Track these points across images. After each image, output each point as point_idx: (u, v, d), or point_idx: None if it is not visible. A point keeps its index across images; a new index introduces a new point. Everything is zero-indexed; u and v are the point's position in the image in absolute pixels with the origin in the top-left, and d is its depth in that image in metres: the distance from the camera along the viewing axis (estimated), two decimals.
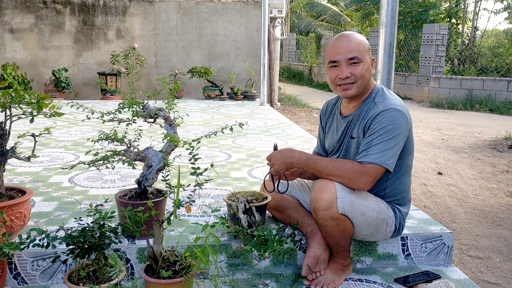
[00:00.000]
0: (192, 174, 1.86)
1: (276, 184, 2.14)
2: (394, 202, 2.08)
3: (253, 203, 2.10)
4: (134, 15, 8.77)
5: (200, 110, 6.87)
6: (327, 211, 1.86)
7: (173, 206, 1.73)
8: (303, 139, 4.69)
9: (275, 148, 2.11)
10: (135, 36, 8.83)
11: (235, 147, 4.20)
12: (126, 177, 3.10)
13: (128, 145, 2.08)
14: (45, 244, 1.57)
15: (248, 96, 8.39)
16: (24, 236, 1.65)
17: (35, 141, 2.26)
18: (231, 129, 2.12)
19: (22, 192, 2.18)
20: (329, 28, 22.05)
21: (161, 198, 2.01)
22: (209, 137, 2.14)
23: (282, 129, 5.35)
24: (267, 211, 2.25)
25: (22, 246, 1.48)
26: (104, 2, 8.62)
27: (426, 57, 12.74)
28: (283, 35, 10.45)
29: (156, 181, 2.10)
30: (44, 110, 1.98)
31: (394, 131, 1.89)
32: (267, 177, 2.19)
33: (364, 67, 1.95)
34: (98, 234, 1.76)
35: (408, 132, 1.98)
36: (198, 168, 1.88)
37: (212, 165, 1.96)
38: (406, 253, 2.25)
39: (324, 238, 1.99)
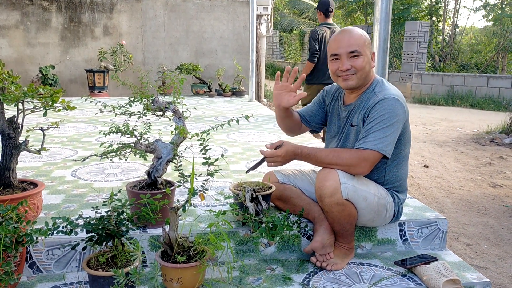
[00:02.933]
0: (203, 164, 1.95)
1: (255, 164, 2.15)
2: (393, 189, 2.20)
3: (259, 192, 2.19)
4: (121, 12, 8.76)
5: (190, 107, 6.91)
6: (332, 198, 1.96)
7: (187, 194, 1.82)
8: None
9: (277, 147, 2.16)
10: (122, 33, 8.82)
11: (230, 142, 4.28)
12: (128, 170, 3.17)
13: (139, 138, 2.15)
14: (68, 230, 1.64)
15: (236, 93, 8.46)
16: (39, 226, 1.72)
17: (44, 135, 2.32)
18: (238, 121, 2.22)
19: (33, 184, 2.24)
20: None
21: (176, 186, 2.09)
22: (216, 129, 2.23)
23: (273, 124, 5.45)
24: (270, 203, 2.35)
25: (48, 233, 1.55)
26: None
27: (408, 54, 12.98)
28: (268, 32, 10.55)
29: (165, 172, 2.18)
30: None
31: (392, 119, 2.01)
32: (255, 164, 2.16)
33: (364, 60, 2.06)
34: (115, 222, 1.84)
35: (405, 122, 2.11)
36: (209, 158, 1.97)
37: (222, 155, 2.05)
38: (403, 238, 2.37)
39: (330, 224, 2.10)
